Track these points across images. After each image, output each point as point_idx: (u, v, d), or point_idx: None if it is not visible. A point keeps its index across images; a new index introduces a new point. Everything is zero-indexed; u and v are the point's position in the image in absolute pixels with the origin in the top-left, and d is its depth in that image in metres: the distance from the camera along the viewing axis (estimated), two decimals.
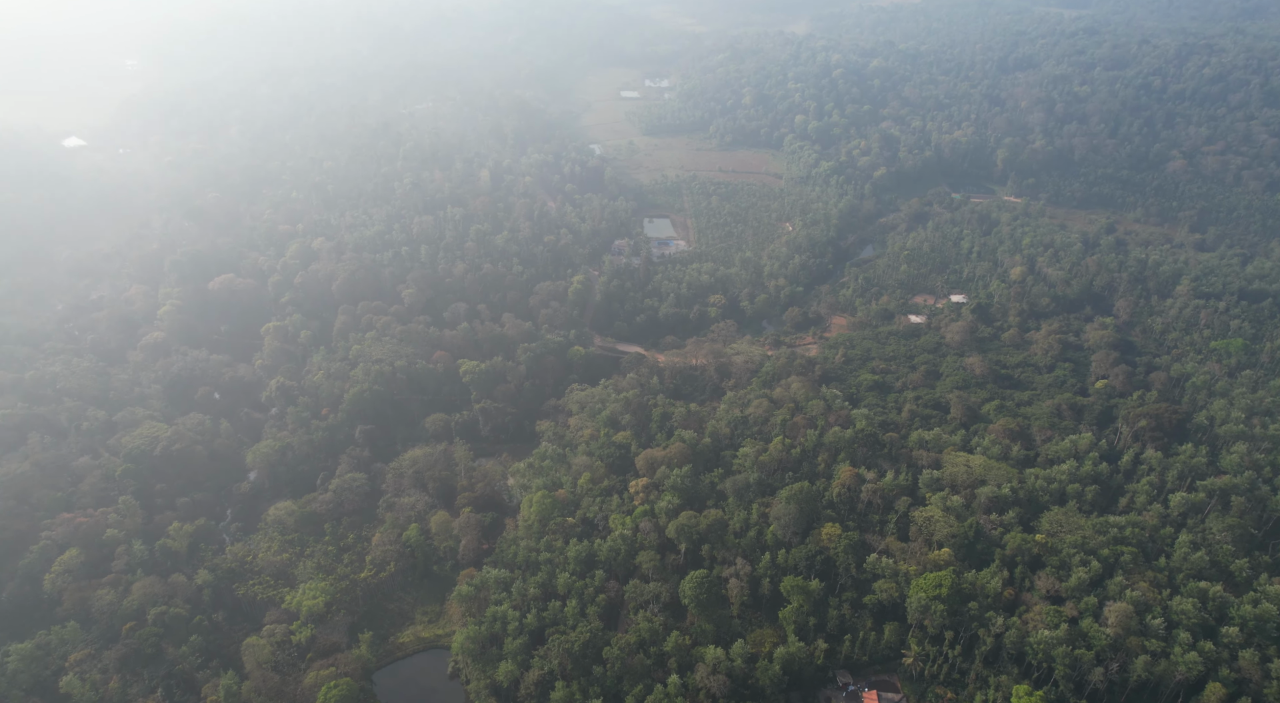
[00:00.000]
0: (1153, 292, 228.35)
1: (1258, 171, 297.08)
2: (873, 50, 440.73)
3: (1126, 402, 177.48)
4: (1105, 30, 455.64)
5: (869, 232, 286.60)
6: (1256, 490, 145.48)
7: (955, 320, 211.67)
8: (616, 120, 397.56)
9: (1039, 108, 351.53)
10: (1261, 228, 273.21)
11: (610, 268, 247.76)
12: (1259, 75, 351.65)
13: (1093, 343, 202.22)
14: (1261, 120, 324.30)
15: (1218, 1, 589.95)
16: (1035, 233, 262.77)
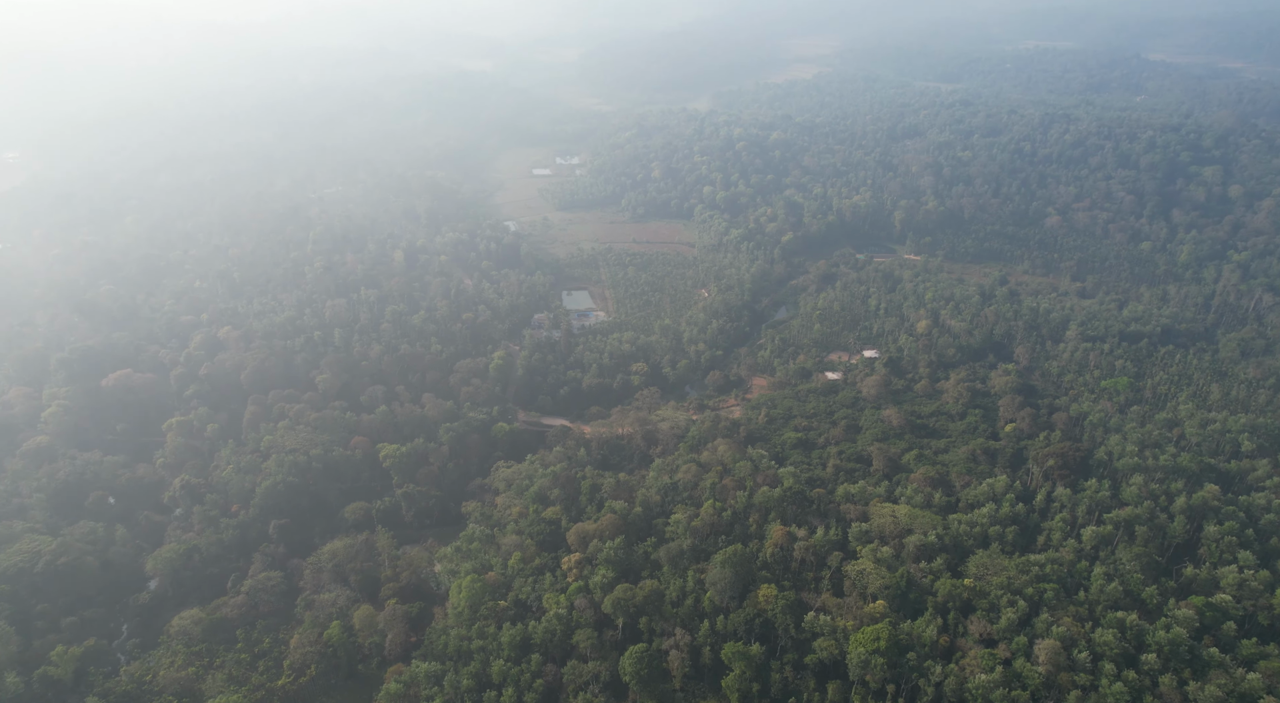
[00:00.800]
0: (1046, 337, 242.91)
1: (1121, 225, 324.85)
2: (771, 124, 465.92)
3: (1034, 443, 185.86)
4: (978, 102, 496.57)
5: (781, 294, 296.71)
6: (1156, 519, 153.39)
7: (870, 375, 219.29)
8: (530, 197, 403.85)
9: (928, 172, 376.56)
10: (1130, 275, 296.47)
11: (531, 342, 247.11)
12: (1110, 141, 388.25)
13: (998, 389, 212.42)
14: (1118, 180, 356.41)
15: (1068, 78, 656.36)
16: (936, 288, 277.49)
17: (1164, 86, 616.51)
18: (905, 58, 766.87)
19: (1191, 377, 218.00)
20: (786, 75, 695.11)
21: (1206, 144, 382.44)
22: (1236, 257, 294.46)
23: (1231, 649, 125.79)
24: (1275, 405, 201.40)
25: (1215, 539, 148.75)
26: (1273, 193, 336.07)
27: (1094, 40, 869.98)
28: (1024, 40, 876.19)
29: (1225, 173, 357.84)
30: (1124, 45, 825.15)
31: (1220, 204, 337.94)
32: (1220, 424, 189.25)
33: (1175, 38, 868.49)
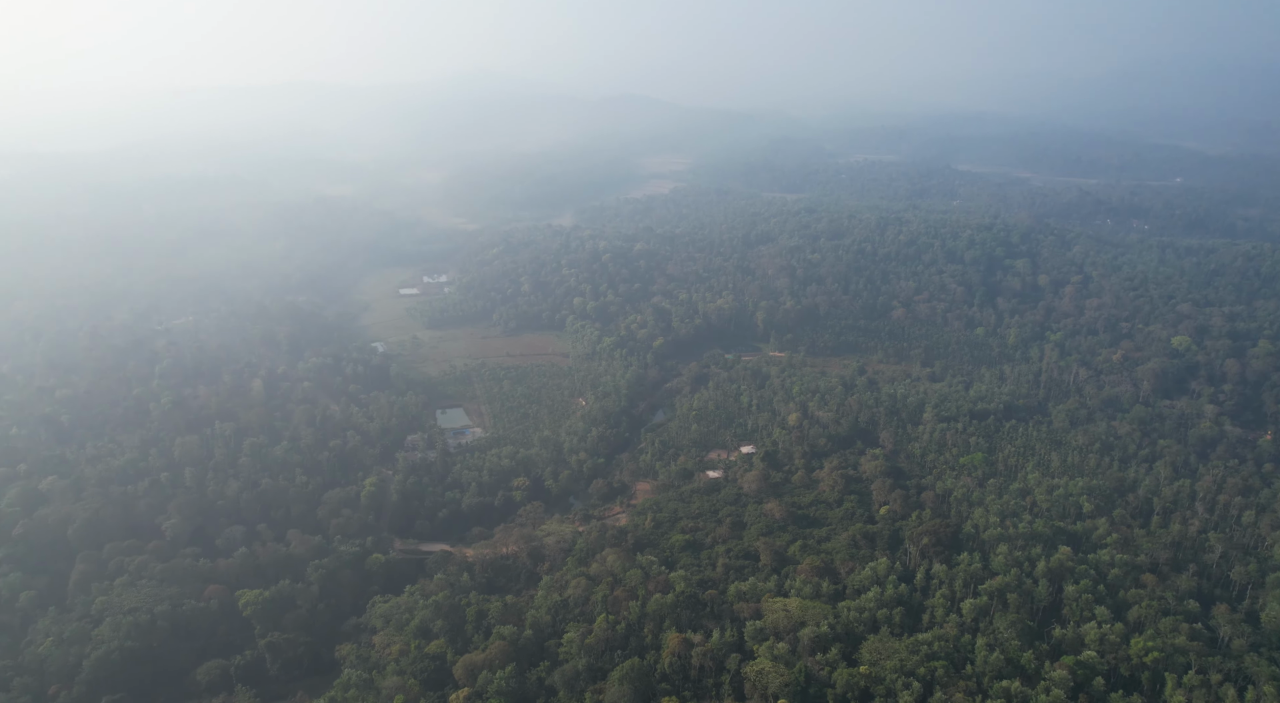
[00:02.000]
0: (906, 421, 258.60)
1: (956, 313, 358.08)
2: (635, 236, 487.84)
3: (908, 523, 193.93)
4: (821, 209, 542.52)
5: (658, 397, 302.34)
6: (1023, 585, 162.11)
7: (749, 470, 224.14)
8: (397, 317, 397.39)
9: (783, 274, 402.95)
10: (971, 358, 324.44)
11: (405, 465, 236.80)
12: (938, 239, 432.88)
13: (869, 473, 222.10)
14: (948, 273, 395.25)
15: (895, 186, 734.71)
16: (802, 381, 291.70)
17: (973, 192, 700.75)
18: (752, 171, 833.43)
19: (1034, 447, 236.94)
20: (645, 190, 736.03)
21: (1015, 240, 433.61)
22: (1053, 337, 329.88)
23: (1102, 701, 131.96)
24: (1103, 467, 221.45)
25: (1075, 598, 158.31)
26: (1071, 280, 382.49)
27: (912, 154, 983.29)
28: (853, 154, 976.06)
29: (1033, 264, 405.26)
30: (936, 158, 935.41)
31: (1033, 291, 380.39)
32: (1063, 489, 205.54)
33: (976, 152, 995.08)
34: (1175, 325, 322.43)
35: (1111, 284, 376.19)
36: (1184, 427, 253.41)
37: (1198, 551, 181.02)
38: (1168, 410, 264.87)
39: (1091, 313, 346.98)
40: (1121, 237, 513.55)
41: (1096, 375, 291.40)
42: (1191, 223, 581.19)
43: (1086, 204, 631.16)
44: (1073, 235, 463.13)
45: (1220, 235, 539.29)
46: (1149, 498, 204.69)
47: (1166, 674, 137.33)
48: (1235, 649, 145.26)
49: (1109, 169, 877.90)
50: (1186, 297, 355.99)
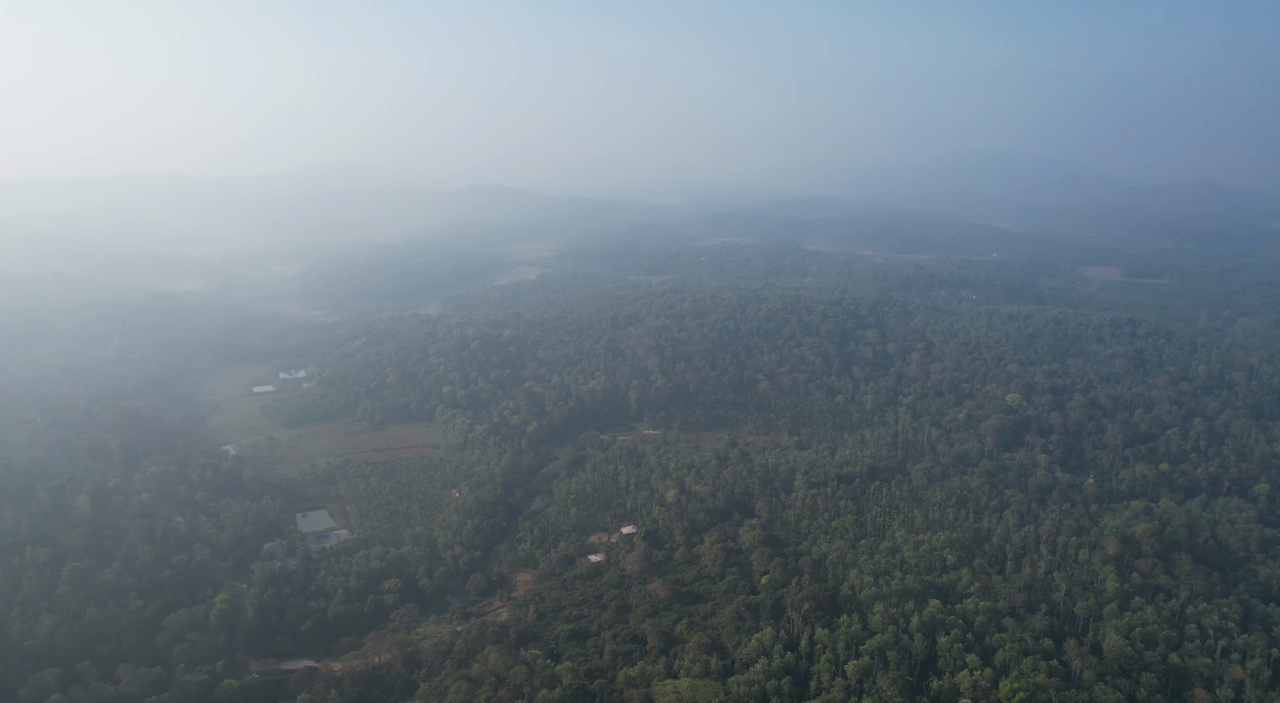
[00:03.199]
0: (779, 489, 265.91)
1: (817, 383, 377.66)
2: (503, 322, 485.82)
3: (789, 590, 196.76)
4: (684, 290, 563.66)
5: (534, 483, 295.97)
6: (901, 641, 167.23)
7: (630, 551, 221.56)
8: (251, 417, 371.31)
9: (653, 353, 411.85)
10: (833, 424, 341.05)
11: (262, 576, 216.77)
12: (795, 314, 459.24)
13: (748, 544, 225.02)
14: (807, 346, 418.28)
15: (751, 266, 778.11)
16: (678, 458, 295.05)
17: (822, 270, 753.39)
18: (616, 256, 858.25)
19: (898, 506, 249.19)
20: (512, 277, 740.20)
21: (863, 312, 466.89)
22: (905, 400, 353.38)
23: None
24: (961, 520, 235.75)
25: (947, 649, 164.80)
26: (916, 347, 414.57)
27: (764, 236, 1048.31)
28: (711, 238, 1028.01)
29: (882, 334, 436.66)
30: (787, 239, 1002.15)
31: (884, 359, 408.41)
32: (928, 544, 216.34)
33: (822, 233, 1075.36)
34: (1007, 384, 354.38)
35: (951, 349, 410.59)
36: (1024, 476, 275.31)
37: (1046, 590, 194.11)
38: (1009, 462, 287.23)
39: (936, 376, 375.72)
40: (954, 305, 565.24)
41: (946, 434, 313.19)
42: (1010, 291, 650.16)
43: (922, 278, 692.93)
44: (914, 306, 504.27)
45: (1033, 302, 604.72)
46: (1002, 545, 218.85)
47: None
48: (1086, 681, 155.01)
49: (938, 246, 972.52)
50: (1013, 358, 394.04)
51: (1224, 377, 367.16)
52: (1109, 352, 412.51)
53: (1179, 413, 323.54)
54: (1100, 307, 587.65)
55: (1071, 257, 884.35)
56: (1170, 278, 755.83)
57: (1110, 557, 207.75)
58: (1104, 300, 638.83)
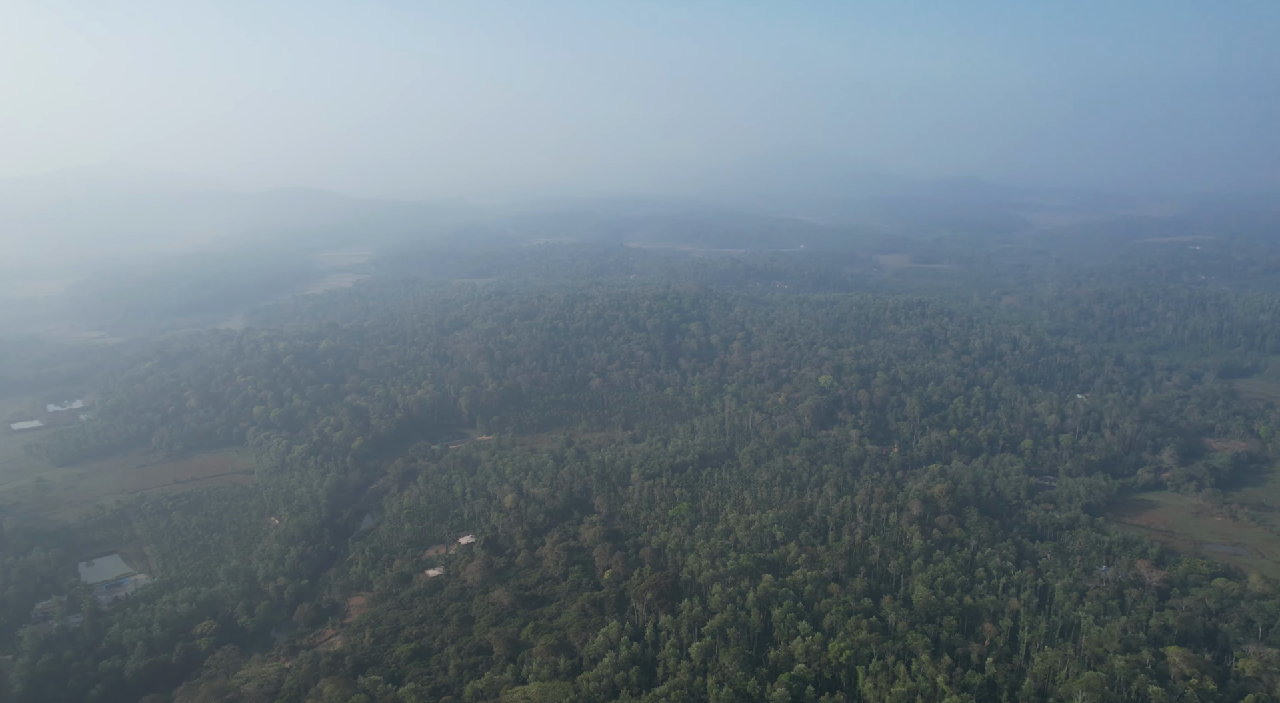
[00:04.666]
0: (616, 483, 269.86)
1: (647, 377, 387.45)
2: (318, 334, 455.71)
3: (631, 582, 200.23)
4: (511, 292, 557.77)
5: (364, 502, 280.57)
6: (739, 618, 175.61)
7: (470, 561, 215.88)
8: (13, 458, 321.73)
9: (482, 358, 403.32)
10: (665, 416, 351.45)
11: (34, 642, 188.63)
12: (622, 311, 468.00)
13: (589, 541, 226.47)
14: (635, 341, 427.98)
15: (577, 265, 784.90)
16: (514, 462, 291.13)
17: (646, 266, 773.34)
18: (438, 259, 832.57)
19: (729, 489, 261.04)
20: (325, 286, 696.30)
21: (687, 306, 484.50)
22: (730, 388, 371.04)
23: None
24: (786, 497, 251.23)
25: (781, 619, 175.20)
26: (737, 337, 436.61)
27: (588, 235, 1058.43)
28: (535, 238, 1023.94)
29: (705, 326, 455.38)
30: (610, 238, 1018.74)
31: (708, 350, 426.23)
32: (758, 522, 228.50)
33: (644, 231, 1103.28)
34: (820, 366, 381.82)
35: (768, 337, 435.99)
36: (839, 451, 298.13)
37: (864, 554, 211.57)
38: (826, 439, 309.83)
39: (757, 363, 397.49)
40: (769, 296, 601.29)
41: (769, 417, 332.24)
42: (817, 280, 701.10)
43: (739, 271, 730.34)
44: (733, 298, 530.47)
45: (837, 289, 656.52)
46: (823, 517, 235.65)
47: (858, 668, 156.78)
48: (900, 631, 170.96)
49: (751, 240, 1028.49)
50: (824, 342, 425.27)
51: (994, 348, 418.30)
52: (904, 332, 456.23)
53: (962, 383, 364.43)
54: (895, 291, 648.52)
55: (868, 246, 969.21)
56: (949, 263, 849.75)
57: (915, 517, 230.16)
58: (897, 285, 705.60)
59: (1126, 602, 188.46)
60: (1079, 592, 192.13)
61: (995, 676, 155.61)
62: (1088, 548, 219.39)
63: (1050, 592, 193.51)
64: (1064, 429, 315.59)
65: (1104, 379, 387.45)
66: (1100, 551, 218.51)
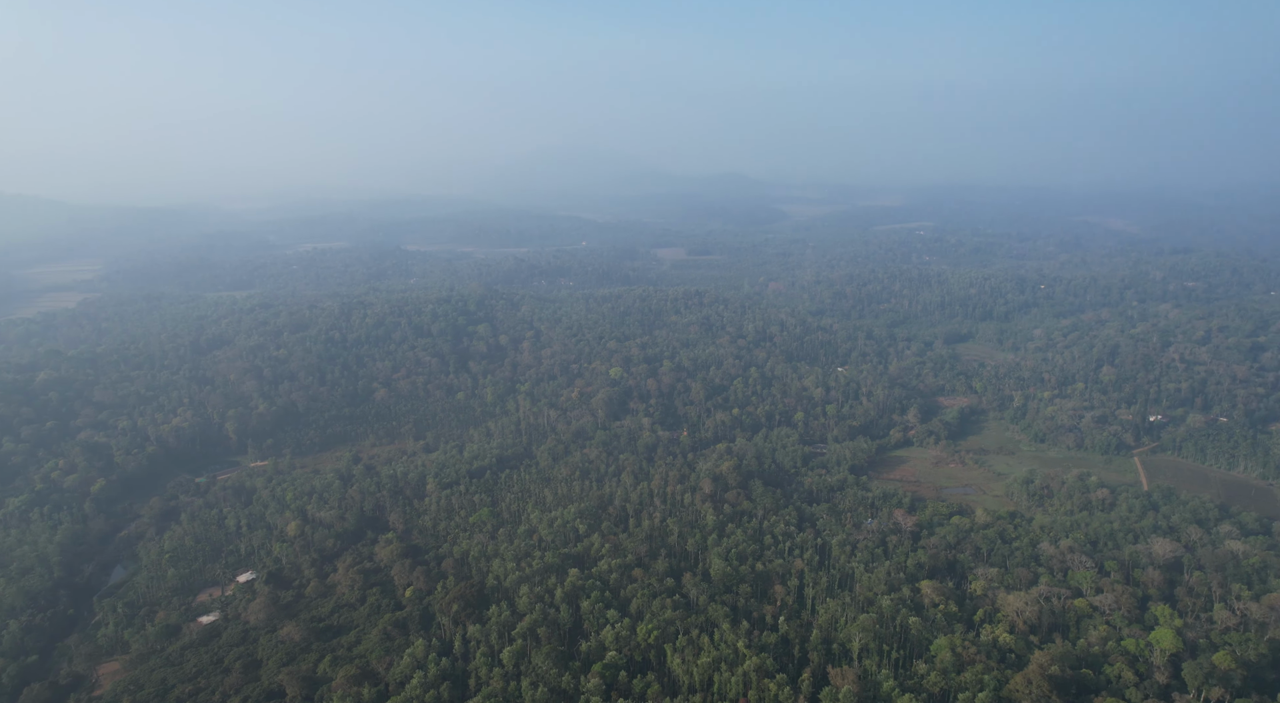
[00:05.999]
0: (411, 497, 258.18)
1: (436, 383, 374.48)
2: (33, 364, 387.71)
3: (435, 596, 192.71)
4: (278, 303, 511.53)
5: (110, 552, 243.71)
6: (549, 616, 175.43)
7: (252, 599, 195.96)
8: None
9: (249, 377, 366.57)
10: (458, 422, 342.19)
11: None
12: (404, 317, 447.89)
13: (386, 560, 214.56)
14: (421, 347, 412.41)
15: (352, 271, 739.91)
16: (295, 486, 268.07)
17: (427, 269, 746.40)
18: (188, 272, 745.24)
19: (529, 489, 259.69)
20: (40, 307, 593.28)
21: (472, 308, 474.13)
22: (523, 388, 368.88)
23: (628, 693, 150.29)
24: (586, 490, 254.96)
25: (590, 611, 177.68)
26: (526, 336, 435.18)
27: (362, 239, 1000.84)
28: (301, 244, 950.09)
29: (493, 327, 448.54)
30: (387, 241, 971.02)
31: (498, 351, 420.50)
32: (561, 518, 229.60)
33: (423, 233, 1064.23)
34: (609, 360, 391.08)
35: (558, 334, 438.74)
36: (633, 439, 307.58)
37: (664, 536, 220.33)
38: (620, 429, 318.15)
39: (548, 361, 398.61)
40: (555, 293, 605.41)
41: (564, 414, 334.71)
42: (601, 276, 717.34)
43: (523, 270, 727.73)
44: (519, 298, 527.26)
45: (621, 283, 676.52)
46: (623, 505, 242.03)
47: (666, 646, 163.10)
48: (701, 605, 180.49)
49: (534, 238, 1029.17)
50: (612, 335, 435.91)
51: (766, 331, 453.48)
52: (685, 321, 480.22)
53: (740, 365, 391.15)
54: (674, 283, 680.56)
55: (647, 241, 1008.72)
56: (721, 254, 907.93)
57: (707, 495, 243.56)
58: (676, 277, 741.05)
59: (889, 548, 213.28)
60: (851, 545, 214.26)
61: (788, 632, 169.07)
62: (855, 505, 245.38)
63: (828, 549, 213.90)
64: (829, 400, 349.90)
65: (858, 352, 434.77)
66: (866, 506, 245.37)
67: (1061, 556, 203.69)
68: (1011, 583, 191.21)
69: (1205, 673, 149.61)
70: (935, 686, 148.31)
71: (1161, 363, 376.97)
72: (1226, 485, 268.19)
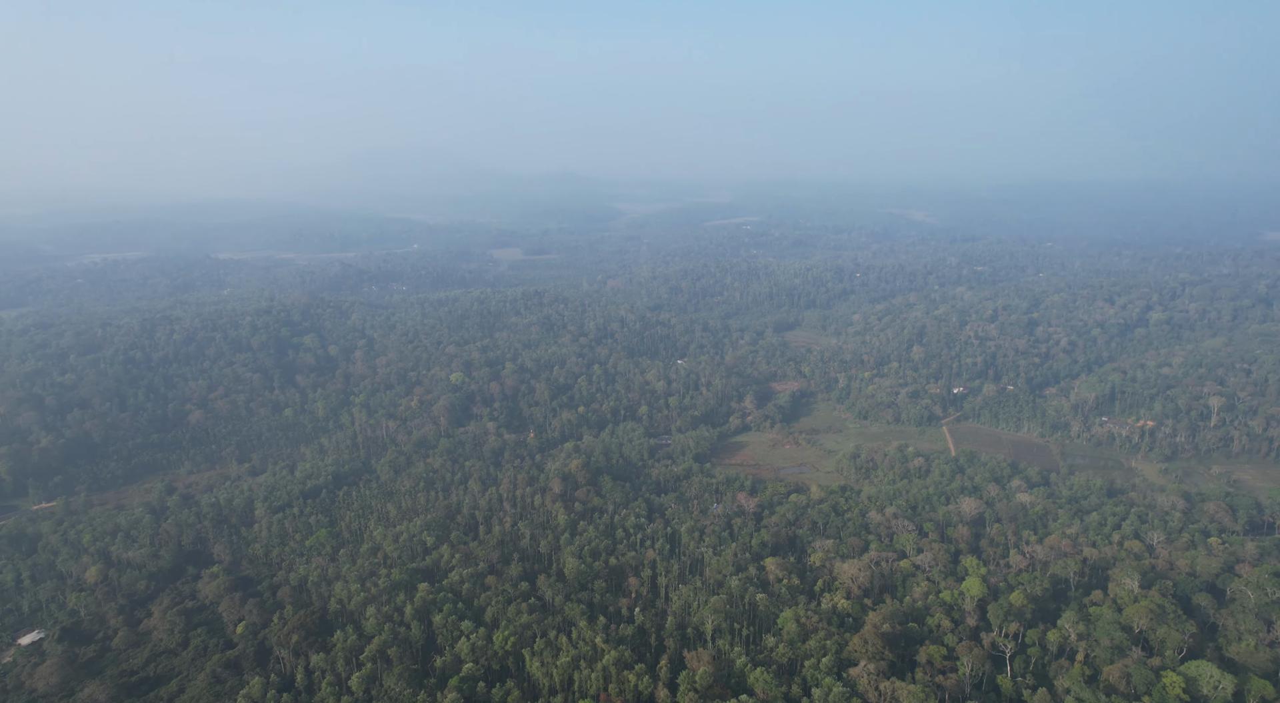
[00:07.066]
0: (238, 525, 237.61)
1: (260, 400, 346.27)
2: None
3: (272, 629, 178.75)
4: (61, 322, 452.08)
5: None
6: (400, 635, 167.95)
7: (40, 663, 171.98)
8: None
9: (27, 407, 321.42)
10: (287, 441, 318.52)
11: None
12: (218, 331, 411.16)
13: (213, 596, 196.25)
14: (240, 363, 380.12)
15: (153, 283, 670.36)
16: (94, 526, 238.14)
17: (242, 279, 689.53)
18: None
19: (371, 505, 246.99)
20: None
21: (297, 318, 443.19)
22: (358, 399, 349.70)
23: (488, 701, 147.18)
24: (432, 501, 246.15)
25: (443, 625, 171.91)
26: (358, 345, 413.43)
27: (163, 248, 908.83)
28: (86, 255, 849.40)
29: (321, 338, 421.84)
30: (194, 249, 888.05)
31: (328, 362, 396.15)
32: (406, 532, 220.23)
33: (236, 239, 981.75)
34: (449, 365, 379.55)
35: (393, 341, 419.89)
36: (479, 445, 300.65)
37: (516, 540, 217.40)
38: (464, 436, 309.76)
39: (384, 370, 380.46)
40: (387, 299, 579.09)
41: (404, 424, 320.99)
42: (435, 279, 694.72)
43: (351, 275, 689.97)
44: (348, 305, 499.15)
45: (457, 286, 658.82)
46: (472, 513, 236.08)
47: (524, 651, 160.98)
48: (558, 605, 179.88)
49: (361, 242, 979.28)
50: (450, 340, 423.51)
51: (607, 328, 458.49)
52: (525, 321, 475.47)
53: (583, 363, 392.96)
54: (512, 283, 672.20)
55: (482, 242, 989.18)
56: (558, 253, 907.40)
57: (557, 495, 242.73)
58: (514, 277, 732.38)
59: (734, 530, 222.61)
60: (699, 531, 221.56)
61: (644, 623, 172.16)
62: (701, 492, 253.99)
63: (678, 537, 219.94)
64: (671, 392, 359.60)
65: (696, 344, 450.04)
66: (711, 492, 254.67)
67: (887, 522, 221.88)
68: (846, 552, 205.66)
69: (1005, 612, 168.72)
70: (784, 657, 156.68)
71: (960, 340, 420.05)
72: (1015, 445, 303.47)
